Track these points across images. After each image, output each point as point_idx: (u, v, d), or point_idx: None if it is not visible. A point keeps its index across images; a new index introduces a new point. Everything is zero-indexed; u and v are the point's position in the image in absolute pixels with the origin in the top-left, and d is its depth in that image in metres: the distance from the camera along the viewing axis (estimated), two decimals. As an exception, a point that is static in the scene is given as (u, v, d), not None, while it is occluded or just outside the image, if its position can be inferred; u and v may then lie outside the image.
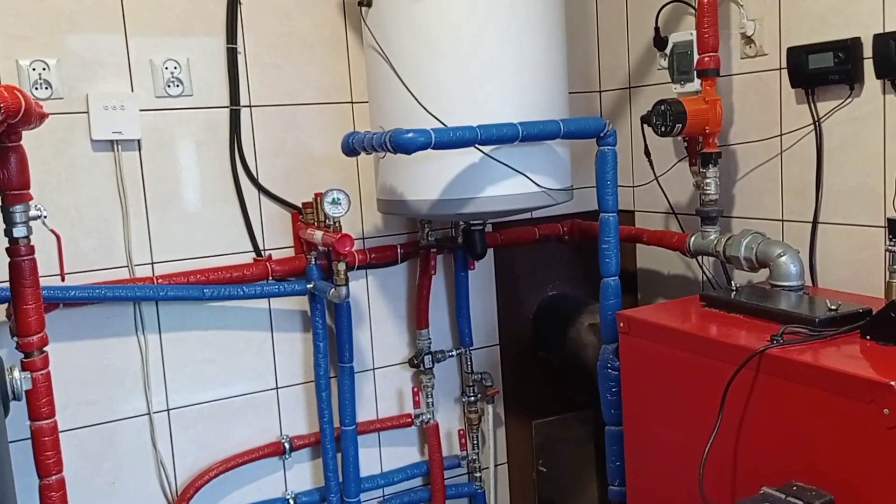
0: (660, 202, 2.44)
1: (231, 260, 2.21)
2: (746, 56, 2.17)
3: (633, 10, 2.53)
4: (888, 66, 1.80)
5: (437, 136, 1.83)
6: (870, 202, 1.91)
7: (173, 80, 2.10)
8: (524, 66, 2.04)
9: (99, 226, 2.06)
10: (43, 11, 1.96)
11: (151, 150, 2.10)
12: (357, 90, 2.33)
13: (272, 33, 2.21)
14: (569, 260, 2.72)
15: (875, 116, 1.87)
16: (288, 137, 2.26)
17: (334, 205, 2.06)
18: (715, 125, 2.10)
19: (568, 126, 1.97)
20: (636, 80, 2.56)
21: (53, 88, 1.97)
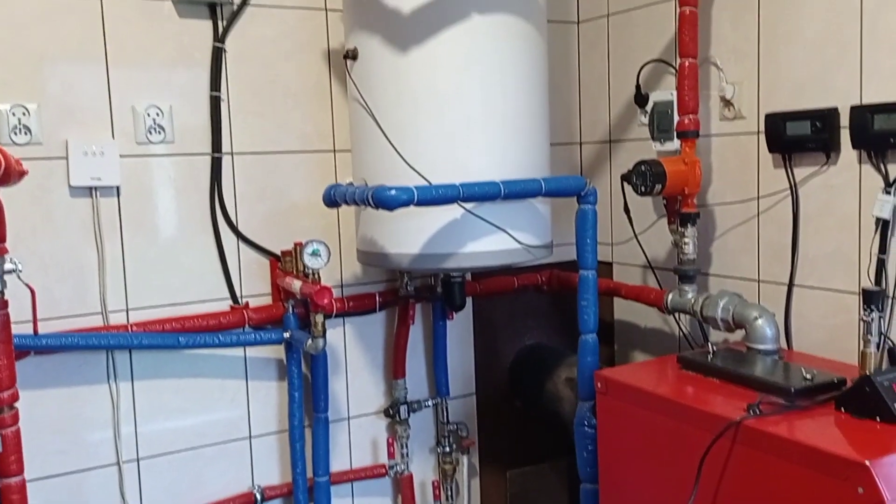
0: (638, 256, 2.46)
1: (208, 307, 2.19)
2: (725, 118, 2.20)
3: (614, 67, 2.56)
4: (865, 137, 1.83)
5: (420, 194, 1.83)
6: (845, 268, 1.94)
7: (155, 127, 2.08)
8: (507, 124, 2.05)
9: (74, 272, 2.03)
10: (24, 55, 1.94)
11: (130, 197, 2.08)
12: (340, 139, 2.33)
13: (256, 81, 2.21)
14: (547, 309, 2.72)
15: (851, 185, 1.91)
16: (269, 185, 2.26)
17: (314, 256, 2.05)
18: (694, 186, 2.13)
19: (549, 185, 1.99)
20: (616, 134, 2.59)
21: (33, 134, 1.95)
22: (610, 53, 2.57)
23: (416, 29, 1.96)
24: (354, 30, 2.08)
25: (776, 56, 2.05)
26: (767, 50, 2.07)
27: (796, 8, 1.99)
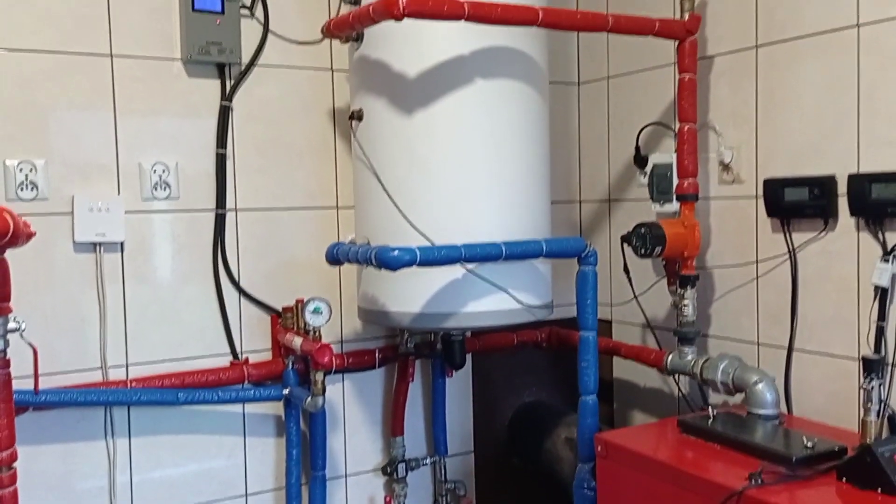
0: (637, 314, 2.47)
1: (208, 362, 2.19)
2: (724, 182, 2.23)
3: (614, 127, 2.60)
4: (863, 205, 1.86)
5: (423, 255, 1.85)
6: (844, 334, 1.94)
7: (161, 183, 2.11)
8: (509, 185, 2.07)
9: (75, 327, 2.03)
10: (33, 112, 1.97)
11: (133, 252, 2.09)
12: (343, 195, 2.36)
13: (262, 139, 2.24)
14: (546, 366, 2.72)
15: (849, 251, 1.93)
16: (272, 241, 2.27)
17: (315, 314, 2.06)
18: (693, 249, 2.14)
19: (550, 246, 2.00)
20: (616, 193, 2.61)
21: (39, 190, 1.97)
22: (610, 114, 2.61)
23: (420, 92, 2.00)
24: (360, 91, 2.12)
25: (774, 122, 2.09)
26: (766, 116, 2.11)
27: (794, 76, 2.03)
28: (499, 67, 2.04)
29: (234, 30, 2.15)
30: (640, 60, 2.47)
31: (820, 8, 1.96)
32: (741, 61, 2.16)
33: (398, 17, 1.75)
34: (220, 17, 2.11)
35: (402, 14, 1.74)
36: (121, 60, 2.05)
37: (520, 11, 1.89)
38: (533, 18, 1.90)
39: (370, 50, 2.06)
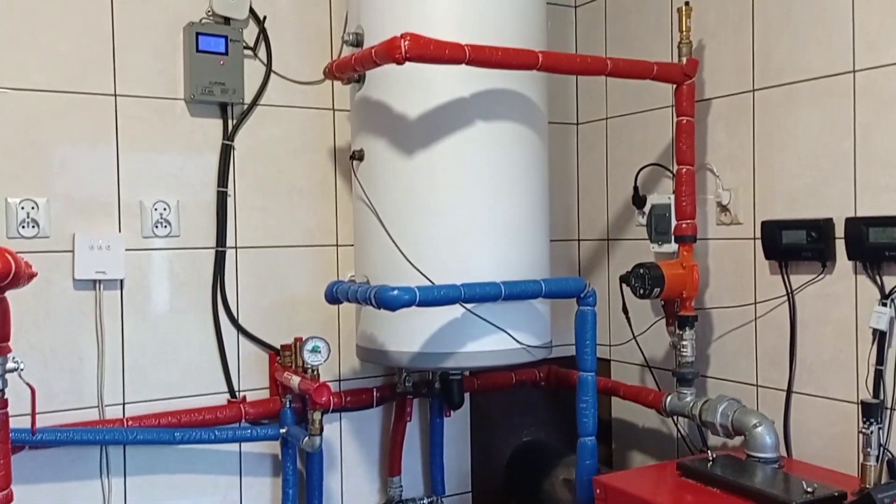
0: (636, 354, 2.46)
1: (205, 401, 2.18)
2: (722, 223, 2.24)
3: (612, 167, 2.62)
4: (860, 249, 1.87)
5: (422, 295, 1.85)
6: (843, 377, 1.94)
7: (162, 221, 2.11)
8: (508, 225, 2.08)
9: (73, 365, 2.02)
10: (36, 151, 1.98)
11: (133, 290, 2.09)
12: (343, 233, 2.37)
13: (263, 178, 2.26)
14: (545, 404, 2.71)
15: (847, 294, 1.93)
16: (271, 279, 2.28)
17: (314, 353, 2.06)
18: (692, 290, 2.15)
19: (549, 286, 2.01)
20: (614, 232, 2.63)
21: (40, 227, 1.97)
22: (608, 154, 2.63)
23: (421, 133, 2.02)
24: (361, 131, 2.13)
25: (771, 165, 2.11)
26: (763, 159, 2.13)
27: (790, 120, 2.06)
28: (499, 109, 2.06)
29: (238, 70, 2.17)
30: (638, 102, 2.49)
31: (815, 54, 1.99)
32: (738, 105, 2.19)
33: (400, 61, 1.77)
34: (223, 58, 2.14)
35: (404, 58, 1.76)
36: (124, 100, 2.07)
37: (520, 55, 1.91)
38: (533, 62, 1.92)
39: (372, 91, 2.08)
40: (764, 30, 2.12)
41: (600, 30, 2.63)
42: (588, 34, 2.69)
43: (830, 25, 1.96)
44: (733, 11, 2.19)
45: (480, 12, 2.03)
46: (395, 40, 1.76)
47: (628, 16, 2.52)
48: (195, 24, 2.12)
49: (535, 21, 2.13)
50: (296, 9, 2.30)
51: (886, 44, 1.85)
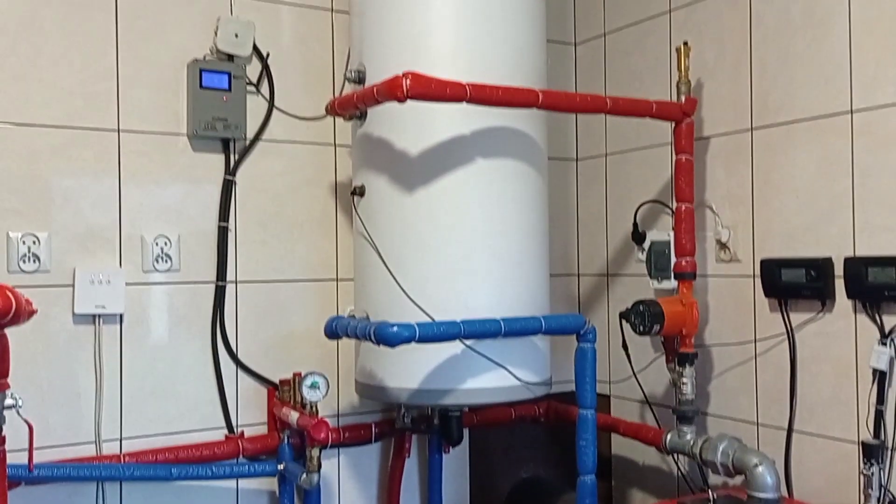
0: (636, 390, 2.46)
1: (203, 436, 2.16)
2: (721, 260, 2.25)
3: (612, 203, 2.63)
4: (859, 288, 1.87)
5: (422, 332, 1.85)
6: (843, 416, 1.94)
7: (162, 256, 2.12)
8: (508, 261, 2.09)
9: (71, 400, 2.01)
10: (39, 186, 1.99)
11: (132, 324, 2.09)
12: (343, 268, 2.37)
13: (264, 212, 2.27)
14: (544, 440, 2.69)
15: (847, 333, 1.93)
16: (270, 313, 2.27)
17: (313, 389, 2.05)
18: (692, 327, 2.15)
19: (549, 323, 2.01)
20: (614, 268, 2.63)
21: (41, 262, 1.97)
22: (608, 190, 2.65)
23: (422, 170, 2.03)
24: (362, 167, 2.15)
25: (770, 203, 2.12)
26: (761, 197, 2.14)
27: (788, 159, 2.07)
28: (499, 146, 2.07)
29: (240, 106, 2.19)
30: (637, 139, 2.51)
31: (813, 94, 2.01)
32: (737, 143, 2.21)
33: (402, 100, 1.79)
34: (226, 94, 2.15)
35: (406, 96, 1.78)
36: (127, 135, 2.09)
37: (520, 94, 1.93)
38: (533, 101, 1.94)
39: (373, 128, 2.10)
40: (761, 70, 2.14)
41: (600, 67, 2.66)
42: (588, 71, 2.71)
43: (827, 66, 1.98)
44: (731, 51, 2.22)
45: (481, 50, 2.05)
46: (396, 79, 1.78)
47: (628, 54, 2.55)
48: (199, 60, 2.14)
49: (536, 59, 2.16)
50: (299, 45, 2.32)
51: (883, 84, 1.87)
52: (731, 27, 2.21)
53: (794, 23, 2.05)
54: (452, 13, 2.04)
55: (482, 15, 2.05)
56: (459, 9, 2.04)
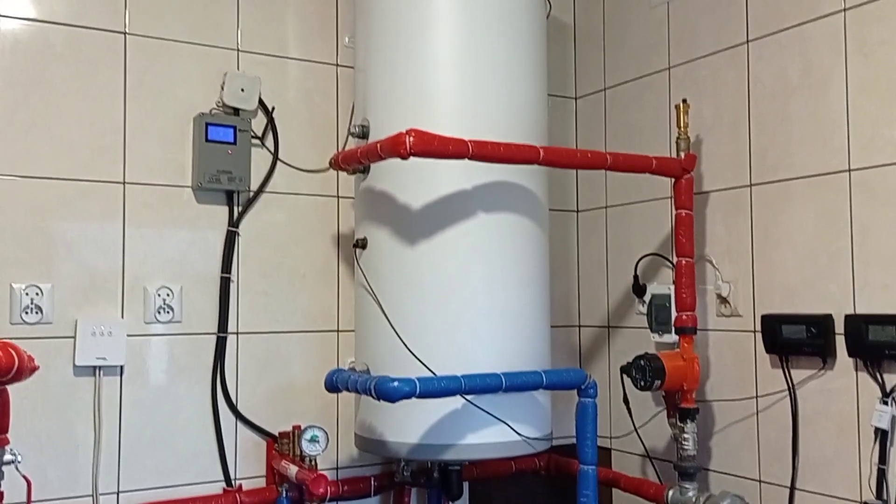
0: (637, 444, 2.44)
1: (200, 489, 2.15)
2: (722, 315, 2.25)
3: (612, 255, 2.64)
4: (860, 346, 1.87)
5: (422, 387, 1.85)
6: (845, 475, 1.92)
7: (164, 307, 2.12)
8: (509, 314, 2.09)
9: (69, 452, 2.00)
10: (43, 239, 2.01)
11: (133, 376, 2.09)
12: (344, 318, 2.37)
13: (266, 263, 2.28)
14: (545, 493, 2.67)
15: (848, 391, 1.93)
16: (271, 365, 2.27)
17: (312, 442, 2.04)
18: (693, 382, 2.14)
19: (550, 378, 2.00)
20: (615, 320, 2.63)
21: (44, 313, 1.98)
22: (608, 242, 2.66)
23: (424, 223, 2.05)
24: (365, 220, 2.16)
25: (770, 259, 2.13)
26: (761, 253, 2.16)
27: (787, 215, 2.09)
28: (500, 200, 2.09)
29: (245, 159, 2.21)
30: (637, 192, 2.53)
31: (810, 152, 2.04)
32: (736, 198, 2.23)
33: (405, 157, 1.81)
34: (231, 148, 2.18)
35: (409, 153, 1.80)
36: (132, 187, 2.11)
37: (522, 151, 1.95)
38: (534, 157, 1.96)
39: (376, 181, 2.12)
40: (760, 127, 2.17)
41: (600, 122, 2.69)
42: (588, 125, 2.75)
43: (825, 125, 2.01)
44: (729, 109, 2.25)
45: (484, 106, 2.08)
46: (400, 136, 1.80)
47: (627, 109, 2.59)
48: (205, 114, 2.17)
49: (537, 114, 2.19)
50: (304, 99, 2.36)
51: (881, 144, 1.89)
52: (730, 85, 2.25)
53: (792, 83, 2.09)
54: (455, 71, 2.07)
55: (484, 72, 2.09)
56: (462, 67, 2.08)
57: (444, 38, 2.08)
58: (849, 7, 1.96)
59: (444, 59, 2.08)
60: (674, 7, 2.43)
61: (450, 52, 2.08)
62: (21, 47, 2.01)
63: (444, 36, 2.08)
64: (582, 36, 2.79)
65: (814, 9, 2.04)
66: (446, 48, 2.08)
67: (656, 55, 2.48)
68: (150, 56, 2.15)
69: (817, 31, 2.03)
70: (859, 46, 1.94)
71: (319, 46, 2.39)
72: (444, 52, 2.08)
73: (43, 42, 2.03)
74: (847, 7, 1.96)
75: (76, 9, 2.07)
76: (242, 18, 2.28)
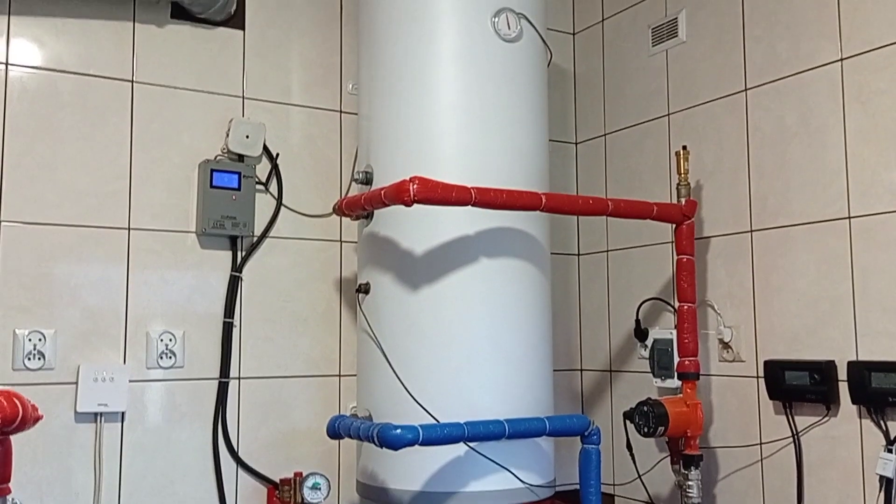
0: (641, 491, 2.42)
1: (200, 537, 2.13)
2: (724, 360, 2.25)
3: (614, 299, 2.65)
4: (863, 393, 1.87)
5: (425, 434, 1.84)
6: (852, 524, 1.91)
7: (167, 352, 2.12)
8: (512, 360, 2.09)
9: (68, 500, 1.99)
10: (47, 285, 2.01)
11: (134, 422, 2.08)
12: (346, 363, 2.37)
13: (269, 308, 2.28)
14: (547, 540, 2.64)
15: (853, 439, 1.92)
16: (273, 410, 2.27)
17: (314, 490, 2.03)
18: (696, 429, 2.13)
19: (553, 424, 1.99)
20: (617, 364, 2.63)
21: (46, 359, 1.98)
22: (609, 285, 2.67)
23: (427, 269, 2.05)
24: (368, 265, 2.17)
25: (771, 305, 2.14)
26: (762, 298, 2.16)
27: (788, 261, 2.10)
28: (502, 246, 2.10)
29: (249, 204, 2.23)
30: (638, 236, 2.55)
31: (810, 199, 2.05)
32: (737, 244, 2.24)
33: (408, 204, 1.83)
34: (236, 193, 2.20)
35: (413, 200, 1.82)
36: (137, 233, 2.12)
37: (524, 197, 1.97)
38: (536, 204, 1.98)
39: (379, 227, 2.13)
40: (759, 174, 2.19)
41: (601, 167, 2.72)
42: (589, 170, 2.77)
43: (824, 173, 2.03)
44: (729, 155, 2.27)
45: (486, 154, 2.10)
46: (404, 184, 1.82)
47: (628, 154, 2.61)
48: (210, 161, 2.19)
49: (539, 160, 2.21)
50: (308, 145, 2.39)
51: (880, 192, 1.91)
52: (729, 132, 2.28)
53: (790, 130, 2.12)
54: (458, 118, 2.09)
55: (486, 119, 2.11)
56: (464, 114, 2.10)
57: (446, 85, 2.11)
58: (846, 57, 1.99)
59: (447, 106, 2.10)
60: (672, 55, 2.46)
61: (452, 100, 2.10)
62: (29, 95, 2.04)
63: (447, 83, 2.11)
64: (582, 82, 2.83)
65: (811, 58, 2.07)
66: (449, 95, 2.10)
67: (656, 102, 2.51)
68: (157, 103, 2.18)
69: (815, 80, 2.06)
70: (856, 95, 1.97)
71: (323, 93, 2.42)
72: (447, 99, 2.10)
73: (51, 90, 2.06)
74: (844, 57, 2.00)
75: (84, 57, 2.10)
76: (248, 66, 2.31)
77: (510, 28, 2.13)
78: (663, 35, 2.49)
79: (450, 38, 2.09)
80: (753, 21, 2.23)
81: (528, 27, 2.17)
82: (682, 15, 2.43)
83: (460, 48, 2.10)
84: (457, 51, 2.11)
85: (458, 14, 2.10)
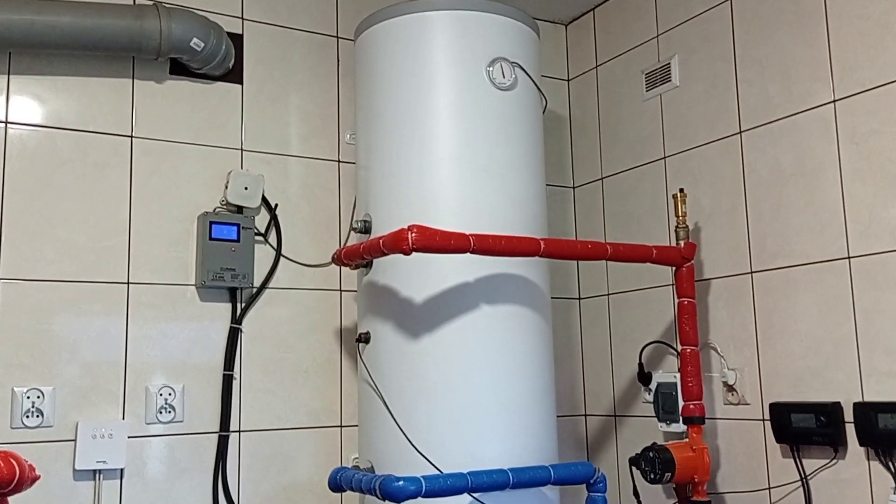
0: (649, 538, 2.38)
1: None
2: (730, 403, 2.23)
3: (616, 343, 2.63)
4: (871, 435, 1.85)
5: (428, 485, 1.81)
6: (866, 570, 1.87)
7: (166, 407, 2.11)
8: (515, 409, 2.07)
9: (66, 561, 1.96)
10: (47, 342, 2.01)
11: (133, 479, 2.06)
12: (347, 414, 2.35)
13: (269, 359, 2.27)
14: (555, 591, 2.58)
15: (861, 481, 1.89)
16: (274, 463, 2.24)
17: (316, 545, 1.99)
18: (703, 474, 2.11)
19: (558, 473, 1.97)
20: (621, 409, 2.60)
21: (44, 417, 1.96)
22: (611, 329, 2.66)
23: (427, 318, 2.04)
24: (368, 314, 2.16)
25: (774, 346, 2.12)
26: (765, 340, 2.15)
27: (790, 302, 2.09)
28: (502, 292, 2.09)
29: (248, 256, 2.23)
30: (639, 280, 2.54)
31: (809, 240, 2.05)
32: (737, 286, 2.23)
33: (407, 252, 1.83)
34: (235, 245, 2.20)
35: (412, 249, 1.82)
36: (136, 287, 2.12)
37: (523, 243, 1.97)
38: (535, 250, 1.98)
39: (379, 276, 2.13)
40: (757, 215, 2.19)
41: (598, 210, 2.73)
42: (587, 214, 2.78)
43: (822, 214, 2.03)
44: (726, 197, 2.28)
45: (483, 200, 2.10)
46: (402, 232, 1.82)
47: (625, 198, 2.62)
48: (209, 213, 2.20)
49: (537, 206, 2.21)
50: (306, 195, 2.40)
51: (878, 232, 1.91)
52: (725, 174, 2.29)
53: (786, 172, 2.13)
54: (455, 166, 2.11)
55: (484, 167, 2.12)
56: (462, 162, 2.11)
57: (443, 134, 2.12)
58: (838, 98, 2.01)
59: (444, 155, 2.11)
60: (666, 99, 2.49)
61: (449, 149, 2.11)
62: (28, 153, 2.05)
63: (444, 133, 2.13)
64: (578, 127, 2.85)
65: (804, 100, 2.09)
66: (446, 145, 2.12)
67: (651, 145, 2.53)
68: (156, 158, 2.19)
69: (809, 122, 2.08)
70: (850, 136, 1.98)
71: (321, 144, 2.44)
72: (444, 148, 2.11)
73: (50, 147, 2.08)
74: (837, 98, 2.02)
75: (84, 114, 2.12)
76: (246, 119, 2.33)
77: (505, 77, 2.15)
78: (657, 80, 2.52)
79: (445, 88, 2.12)
80: (745, 65, 2.25)
81: (523, 75, 2.19)
82: (674, 60, 2.46)
83: (456, 98, 2.12)
84: (452, 100, 2.13)
85: (454, 64, 2.13)
